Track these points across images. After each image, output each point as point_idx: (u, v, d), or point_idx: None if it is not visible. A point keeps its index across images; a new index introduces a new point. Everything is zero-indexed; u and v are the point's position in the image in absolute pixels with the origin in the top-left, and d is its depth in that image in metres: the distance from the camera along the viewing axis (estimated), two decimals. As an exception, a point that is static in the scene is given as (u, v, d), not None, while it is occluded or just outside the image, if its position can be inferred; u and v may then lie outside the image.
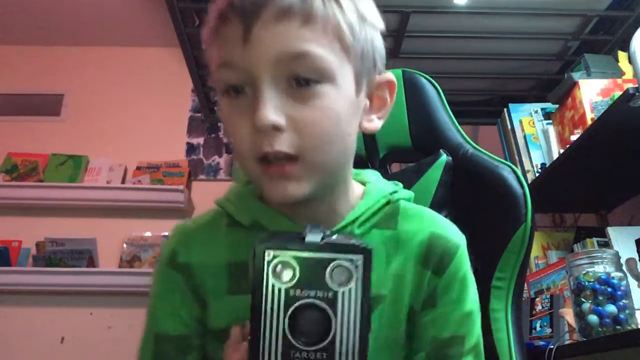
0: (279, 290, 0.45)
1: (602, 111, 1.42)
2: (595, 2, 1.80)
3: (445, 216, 0.86)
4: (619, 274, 1.26)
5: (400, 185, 0.72)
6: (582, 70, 1.67)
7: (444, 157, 0.92)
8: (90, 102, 3.04)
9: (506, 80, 2.22)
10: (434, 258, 0.66)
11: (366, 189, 0.69)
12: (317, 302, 0.45)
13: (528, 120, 1.92)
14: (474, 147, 0.93)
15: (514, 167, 0.89)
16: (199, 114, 3.00)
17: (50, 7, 2.83)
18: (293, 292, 0.45)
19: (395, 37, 1.88)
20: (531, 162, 1.86)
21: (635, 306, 1.25)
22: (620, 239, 1.50)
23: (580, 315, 1.27)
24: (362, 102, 0.63)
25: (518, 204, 0.85)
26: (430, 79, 1.00)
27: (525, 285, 1.76)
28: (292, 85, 0.57)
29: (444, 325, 0.65)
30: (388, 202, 0.68)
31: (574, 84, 1.62)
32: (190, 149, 3.04)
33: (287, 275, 0.45)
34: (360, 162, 0.99)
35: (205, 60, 0.64)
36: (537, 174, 1.80)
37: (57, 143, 2.90)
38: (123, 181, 2.87)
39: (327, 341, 0.45)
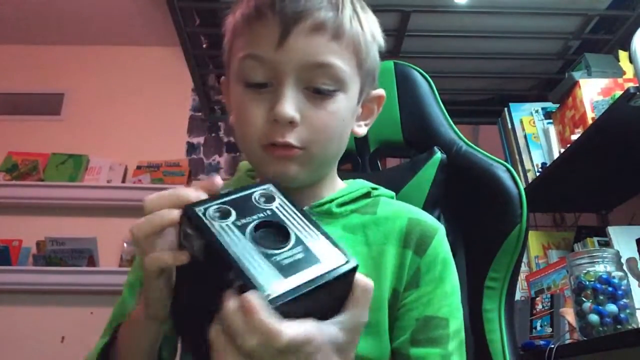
0: (227, 226, 0.48)
1: (603, 110, 1.42)
2: (596, 1, 1.80)
3: (439, 215, 0.86)
4: (620, 274, 1.26)
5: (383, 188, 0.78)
6: (582, 69, 1.67)
7: (438, 155, 0.90)
8: (91, 102, 3.05)
9: (507, 79, 2.22)
10: (414, 238, 0.69)
11: (349, 182, 0.77)
12: (265, 219, 0.50)
13: (528, 119, 1.92)
14: (467, 145, 0.91)
15: (508, 166, 0.87)
16: (200, 114, 3.00)
17: (50, 6, 2.83)
18: (240, 223, 0.49)
19: (395, 36, 1.88)
20: (532, 161, 1.86)
21: (636, 305, 1.25)
22: (621, 238, 1.50)
23: (580, 315, 1.27)
24: (358, 109, 0.72)
25: (513, 204, 0.83)
26: (424, 73, 0.97)
27: (526, 284, 1.76)
28: (310, 90, 0.64)
29: (427, 304, 0.66)
30: (369, 194, 0.74)
31: (575, 84, 1.62)
32: (191, 148, 3.04)
33: (226, 215, 0.49)
34: (350, 157, 0.98)
35: (205, 60, 0.67)
36: (538, 174, 1.80)
37: (57, 142, 2.90)
38: (123, 180, 2.87)
39: (293, 239, 0.48)
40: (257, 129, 0.64)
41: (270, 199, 0.52)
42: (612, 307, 1.22)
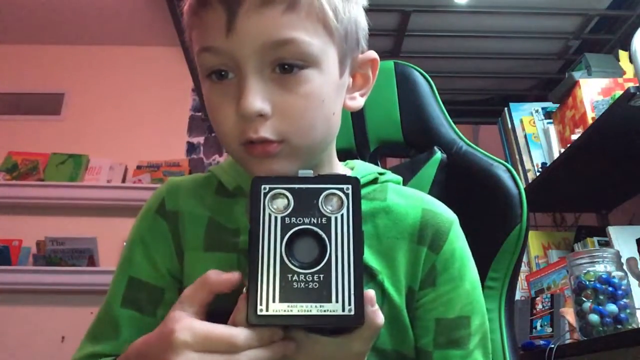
0: (275, 218, 0.47)
1: (603, 110, 1.42)
2: (596, 1, 1.80)
3: None
4: (620, 273, 1.26)
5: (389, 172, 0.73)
6: (582, 69, 1.67)
7: (438, 155, 0.89)
8: (91, 101, 3.05)
9: (507, 79, 2.23)
10: (429, 234, 0.65)
11: (354, 164, 0.72)
12: (312, 227, 0.47)
13: (529, 119, 1.92)
14: (468, 144, 0.91)
15: (508, 166, 0.86)
16: (200, 113, 3.00)
17: (50, 6, 2.83)
18: (289, 220, 0.47)
19: (395, 36, 1.88)
20: (532, 161, 1.86)
21: (636, 305, 1.25)
22: (621, 238, 1.50)
23: (580, 315, 1.27)
24: (345, 81, 0.64)
25: (513, 204, 0.83)
26: (424, 73, 0.97)
27: (526, 284, 1.76)
28: (277, 72, 0.56)
29: (446, 304, 0.63)
30: (376, 180, 0.69)
31: (575, 83, 1.62)
32: (191, 148, 3.04)
33: (282, 205, 0.48)
34: (350, 156, 0.98)
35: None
36: (538, 174, 1.80)
37: (57, 142, 2.90)
38: (123, 180, 2.87)
39: (323, 263, 0.46)
40: (231, 127, 0.57)
41: (337, 205, 0.48)
42: (612, 307, 1.22)
